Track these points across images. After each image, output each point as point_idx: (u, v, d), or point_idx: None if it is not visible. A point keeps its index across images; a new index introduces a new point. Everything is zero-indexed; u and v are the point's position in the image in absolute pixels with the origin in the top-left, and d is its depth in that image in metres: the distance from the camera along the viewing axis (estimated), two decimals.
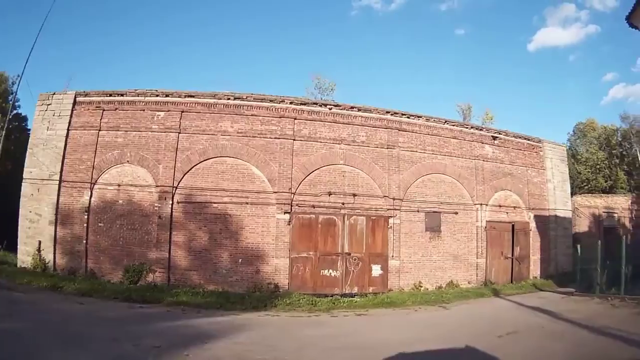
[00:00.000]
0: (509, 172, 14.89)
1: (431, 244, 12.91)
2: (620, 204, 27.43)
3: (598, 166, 41.60)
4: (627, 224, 27.56)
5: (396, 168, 12.61)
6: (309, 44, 67.32)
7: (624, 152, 47.12)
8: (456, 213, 13.73)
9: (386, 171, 12.42)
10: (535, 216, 15.51)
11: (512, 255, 14.66)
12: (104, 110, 11.45)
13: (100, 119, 11.39)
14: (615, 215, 26.67)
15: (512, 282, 14.00)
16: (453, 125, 14.10)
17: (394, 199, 12.47)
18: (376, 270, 11.80)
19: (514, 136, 15.63)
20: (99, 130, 11.39)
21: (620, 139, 47.22)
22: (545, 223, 15.74)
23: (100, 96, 11.56)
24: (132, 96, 11.52)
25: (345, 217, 11.67)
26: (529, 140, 16.04)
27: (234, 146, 11.26)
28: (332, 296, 10.44)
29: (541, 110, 59.86)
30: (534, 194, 15.60)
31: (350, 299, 10.59)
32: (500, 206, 14.73)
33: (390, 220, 12.27)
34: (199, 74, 57.52)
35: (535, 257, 15.36)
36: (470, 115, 27.16)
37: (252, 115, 11.44)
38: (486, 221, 14.09)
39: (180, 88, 11.51)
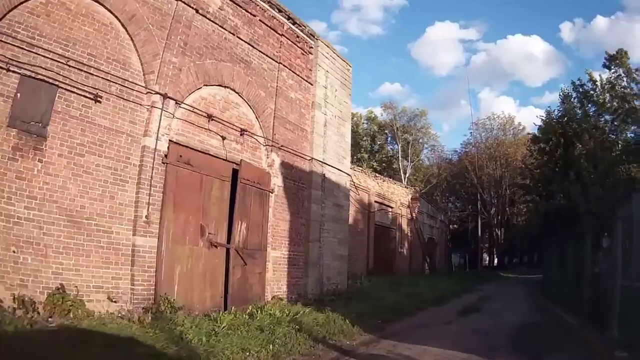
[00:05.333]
0: (245, 59, 13.24)
1: (16, 166, 8.56)
2: (398, 196, 31.00)
3: None
4: (405, 226, 31.19)
5: None
6: None
7: (375, 147, 61.54)
8: (98, 100, 9.43)
9: None
10: (285, 165, 14.16)
11: (230, 239, 11.72)
12: None
13: None
14: (391, 210, 29.67)
15: (226, 308, 11.16)
16: None
17: None
18: None
19: (271, 4, 14.51)
20: None
21: (373, 132, 61.44)
22: (302, 185, 14.95)
23: None
24: None
25: None
26: (295, 24, 15.41)
27: None
28: None
29: None
30: (288, 121, 14.56)
31: None
32: (211, 118, 11.73)
33: None
34: None
35: (278, 254, 13.69)
36: None
37: None
38: (170, 141, 10.59)
39: None
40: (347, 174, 17.28)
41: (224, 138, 11.84)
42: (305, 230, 14.71)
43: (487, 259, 70.66)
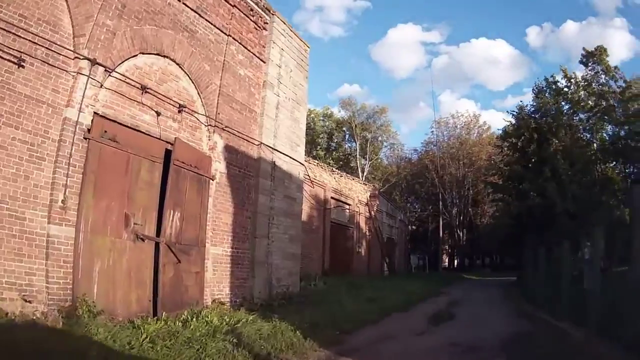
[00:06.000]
0: (190, 28, 12.83)
1: None
2: (357, 193, 31.10)
3: None
4: (364, 225, 31.12)
5: None
6: None
7: (332, 145, 64.90)
8: (22, 65, 8.88)
9: None
10: (229, 149, 13.71)
11: (162, 232, 10.99)
12: None
13: None
14: (348, 208, 29.73)
15: (155, 314, 10.35)
16: None
17: None
18: None
19: None
20: None
21: (330, 129, 64.11)
22: (249, 173, 14.57)
23: None
24: None
25: None
26: None
27: None
28: None
29: None
30: (235, 100, 14.14)
31: None
32: (145, 90, 11.11)
33: None
34: None
35: (219, 251, 13.10)
36: None
37: None
38: (95, 114, 9.95)
39: None
40: (301, 164, 16.94)
41: (158, 114, 11.18)
42: (252, 224, 14.17)
43: (447, 260, 72.20)
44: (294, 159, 16.10)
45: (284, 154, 15.49)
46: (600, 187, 29.98)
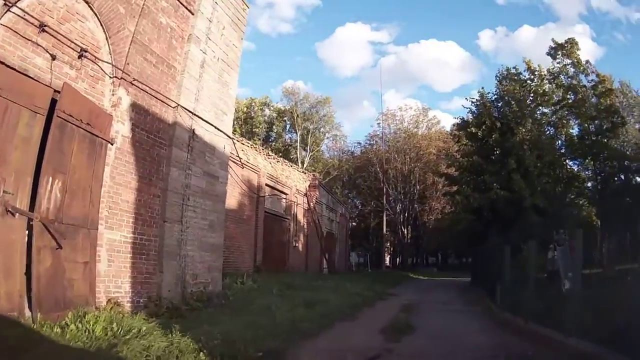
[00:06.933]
0: None
1: None
2: (295, 181, 30.08)
3: None
4: (301, 217, 30.00)
5: None
6: None
7: (271, 135, 66.38)
8: None
9: None
10: (137, 108, 12.06)
11: (36, 205, 9.11)
12: None
13: None
14: (285, 197, 28.77)
15: (34, 314, 8.75)
16: None
17: None
18: None
19: None
20: None
21: (270, 118, 65.53)
22: (160, 140, 13.05)
23: None
24: None
25: None
26: None
27: None
28: None
29: None
30: (151, 51, 12.79)
31: None
32: (42, 29, 9.76)
33: None
34: None
35: (116, 236, 11.44)
36: None
37: None
38: None
39: None
40: (228, 136, 15.42)
41: (54, 57, 9.59)
42: (161, 205, 12.48)
43: (389, 258, 72.37)
44: (219, 129, 14.58)
45: (206, 121, 13.97)
46: (565, 185, 29.81)
